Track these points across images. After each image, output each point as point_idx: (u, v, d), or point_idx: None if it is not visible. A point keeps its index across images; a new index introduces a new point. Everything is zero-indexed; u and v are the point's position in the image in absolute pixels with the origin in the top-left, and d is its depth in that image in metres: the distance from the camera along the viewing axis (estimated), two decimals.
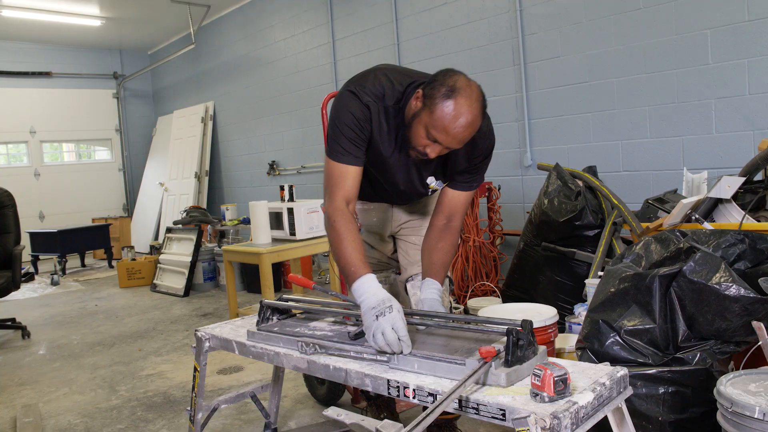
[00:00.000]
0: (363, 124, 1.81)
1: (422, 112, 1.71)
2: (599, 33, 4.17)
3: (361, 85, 1.83)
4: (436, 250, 1.98)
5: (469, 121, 1.67)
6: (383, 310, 1.57)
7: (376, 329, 1.55)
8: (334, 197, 1.82)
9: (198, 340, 2.05)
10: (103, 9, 8.04)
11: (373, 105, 1.81)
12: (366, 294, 1.64)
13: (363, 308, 1.63)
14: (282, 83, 7.35)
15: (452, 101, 1.65)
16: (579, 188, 3.36)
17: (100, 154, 10.48)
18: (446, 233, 2.00)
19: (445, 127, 1.67)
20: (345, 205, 1.81)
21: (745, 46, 3.50)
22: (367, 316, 1.60)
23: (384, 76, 1.86)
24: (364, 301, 1.63)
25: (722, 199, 2.68)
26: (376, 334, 1.54)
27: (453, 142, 1.71)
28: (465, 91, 1.67)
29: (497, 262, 4.43)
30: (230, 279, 4.72)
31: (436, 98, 1.67)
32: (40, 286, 7.27)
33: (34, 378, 3.77)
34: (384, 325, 1.54)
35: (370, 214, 2.28)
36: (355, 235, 1.78)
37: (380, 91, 1.82)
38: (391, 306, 1.58)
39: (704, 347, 1.81)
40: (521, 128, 4.73)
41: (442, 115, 1.66)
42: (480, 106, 1.71)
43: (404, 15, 5.62)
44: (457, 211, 2.02)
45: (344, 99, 1.83)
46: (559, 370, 1.25)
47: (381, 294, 1.63)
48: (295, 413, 2.93)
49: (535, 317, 2.27)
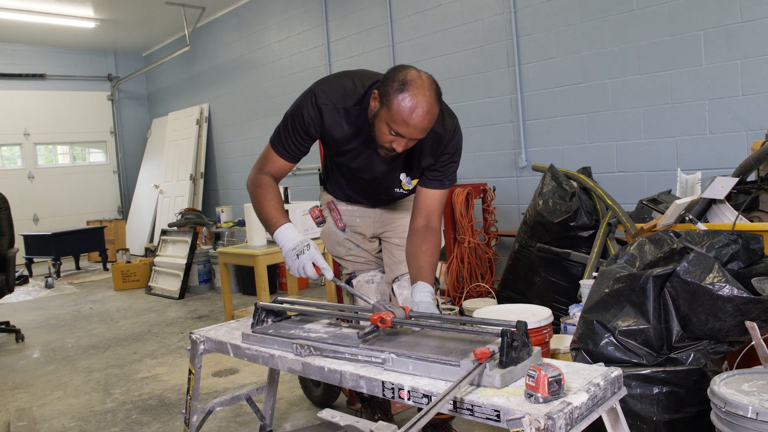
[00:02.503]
0: (310, 124, 1.93)
1: (381, 111, 1.79)
2: (593, 34, 4.18)
3: (323, 86, 1.94)
4: (422, 253, 2.02)
5: (426, 109, 1.74)
6: (302, 249, 1.87)
7: (299, 266, 1.87)
8: (262, 169, 2.04)
9: (193, 342, 2.04)
10: (97, 11, 8.02)
11: (328, 107, 1.91)
12: (285, 239, 1.91)
13: (284, 251, 1.91)
14: (277, 85, 7.35)
15: (406, 93, 1.72)
16: (574, 189, 3.37)
17: (95, 157, 10.45)
18: (427, 235, 2.05)
19: (404, 119, 1.74)
20: (270, 176, 2.03)
21: (738, 48, 3.51)
22: (288, 256, 1.90)
23: (349, 78, 1.96)
24: (284, 245, 1.91)
25: (716, 200, 2.69)
26: (299, 269, 1.87)
27: (415, 132, 1.77)
28: (416, 81, 1.74)
29: (492, 263, 4.43)
30: (225, 281, 4.71)
31: (391, 94, 1.74)
32: (35, 289, 7.24)
33: (28, 381, 3.75)
34: (305, 261, 1.86)
35: (354, 214, 2.33)
36: (275, 194, 2.02)
37: (340, 92, 1.92)
38: (309, 244, 1.88)
39: (698, 347, 1.82)
40: (516, 129, 4.74)
41: (399, 108, 1.73)
42: (434, 93, 1.77)
43: (399, 17, 5.62)
44: (433, 210, 2.08)
45: (304, 97, 1.95)
46: (554, 371, 1.26)
47: (298, 237, 1.91)
48: (291, 415, 2.93)
49: (530, 318, 2.28)
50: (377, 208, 2.32)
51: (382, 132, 1.81)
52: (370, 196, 2.24)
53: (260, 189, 2.01)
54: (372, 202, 2.29)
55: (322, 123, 1.93)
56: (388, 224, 2.34)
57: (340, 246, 2.37)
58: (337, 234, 2.35)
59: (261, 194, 2.00)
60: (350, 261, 2.38)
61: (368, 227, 2.34)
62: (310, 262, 1.86)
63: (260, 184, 2.02)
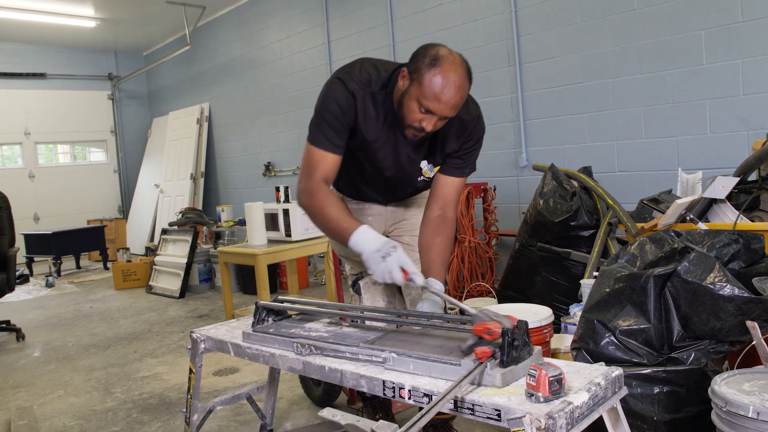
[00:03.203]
0: (346, 111, 1.84)
1: (411, 88, 1.75)
2: (594, 33, 4.18)
3: (348, 73, 1.88)
4: (434, 246, 1.97)
5: (458, 85, 1.71)
6: (388, 251, 1.68)
7: (385, 269, 1.68)
8: (312, 175, 1.86)
9: (193, 341, 2.04)
10: (98, 10, 8.02)
11: (359, 92, 1.85)
12: (366, 242, 1.73)
13: (365, 254, 1.72)
14: (277, 84, 7.35)
15: (438, 68, 1.69)
16: (574, 189, 3.36)
17: (95, 156, 10.45)
18: (442, 227, 2.00)
19: (436, 94, 1.70)
20: (323, 181, 1.86)
21: (739, 47, 3.51)
22: (372, 260, 1.70)
23: (370, 64, 1.92)
24: (366, 248, 1.72)
25: (717, 200, 2.69)
26: (385, 274, 1.68)
27: (446, 108, 1.73)
28: (448, 58, 1.71)
29: (493, 262, 4.43)
30: (226, 280, 4.71)
31: (422, 69, 1.71)
32: (35, 288, 7.24)
33: (28, 380, 3.76)
34: (392, 265, 1.67)
35: (365, 212, 2.26)
36: (335, 199, 1.85)
37: (366, 78, 1.87)
38: (395, 246, 1.69)
39: (699, 347, 1.82)
40: (516, 129, 4.74)
41: (430, 84, 1.69)
42: (465, 70, 1.74)
43: (400, 16, 5.62)
44: (450, 200, 2.03)
45: (331, 86, 1.88)
46: (554, 370, 1.26)
47: (381, 238, 1.73)
48: (291, 414, 2.93)
49: (531, 317, 2.27)
50: (389, 206, 2.26)
51: (411, 110, 1.76)
52: (390, 188, 2.14)
53: (316, 197, 1.83)
54: (387, 198, 2.22)
55: (356, 110, 1.85)
56: (399, 222, 2.29)
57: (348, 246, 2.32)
58: None
59: (320, 202, 1.83)
60: (358, 262, 2.31)
61: (379, 225, 2.28)
62: (398, 266, 1.67)
63: (314, 192, 1.84)
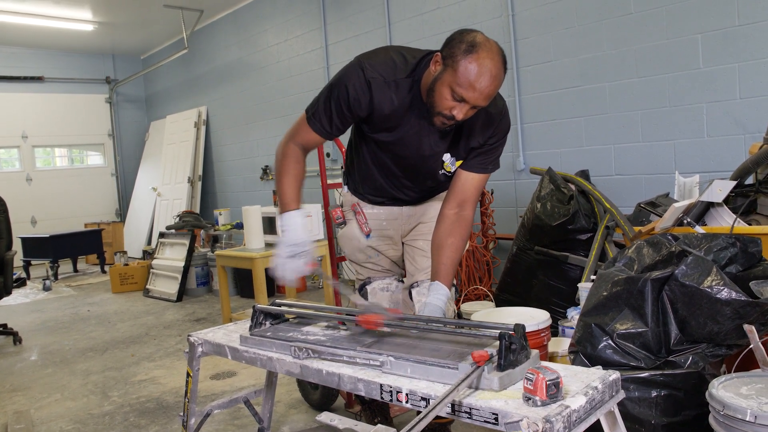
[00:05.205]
0: (357, 99, 1.81)
1: (444, 74, 1.69)
2: (591, 37, 4.19)
3: (371, 60, 1.83)
4: (446, 248, 1.92)
5: (494, 74, 1.66)
6: (298, 253, 1.80)
7: (283, 266, 1.81)
8: (293, 140, 1.95)
9: (191, 345, 2.04)
10: (95, 14, 8.02)
11: (378, 80, 1.80)
12: (291, 228, 1.84)
13: (283, 238, 1.83)
14: (275, 88, 7.35)
15: (475, 55, 1.63)
16: (571, 192, 3.37)
17: (93, 159, 10.44)
18: (457, 226, 1.95)
19: (471, 82, 1.64)
20: (300, 148, 1.96)
21: (736, 51, 3.52)
22: (281, 248, 1.82)
23: (395, 51, 1.88)
24: (286, 233, 1.84)
25: (714, 203, 2.69)
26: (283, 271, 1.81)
27: (480, 98, 1.68)
28: (485, 45, 1.66)
29: (490, 266, 4.43)
30: (223, 284, 4.70)
31: (458, 55, 1.65)
32: (32, 292, 7.22)
33: (25, 384, 3.74)
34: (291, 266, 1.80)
35: (380, 217, 2.22)
36: (298, 171, 1.94)
37: (390, 65, 1.82)
38: (306, 251, 1.81)
39: (696, 350, 1.82)
40: (514, 132, 4.74)
41: (466, 70, 1.64)
42: (501, 59, 1.69)
43: (397, 20, 5.63)
44: (469, 197, 1.97)
45: (349, 70, 1.84)
46: (552, 374, 1.25)
47: (303, 235, 1.83)
48: (289, 418, 2.92)
49: (528, 321, 2.28)
50: (404, 207, 2.21)
51: (443, 97, 1.70)
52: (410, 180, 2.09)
53: (284, 161, 1.94)
54: (406, 194, 2.15)
55: (371, 99, 1.81)
56: (414, 225, 2.24)
57: (361, 252, 2.27)
58: (360, 240, 2.24)
59: (285, 166, 1.94)
60: (368, 268, 2.30)
61: (396, 230, 2.24)
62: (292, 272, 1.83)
63: (285, 156, 1.94)
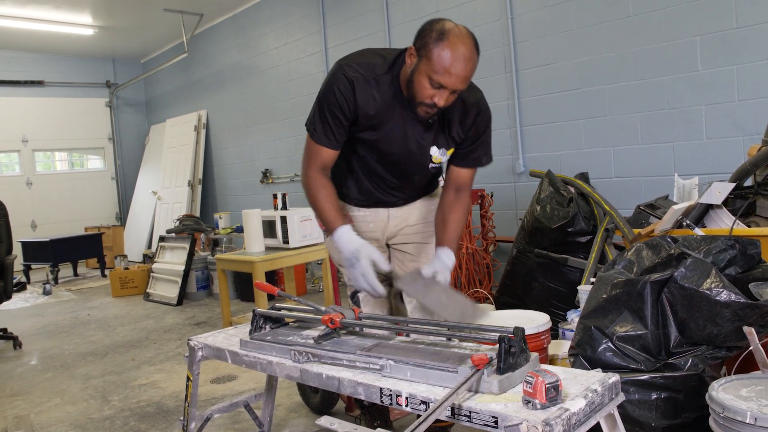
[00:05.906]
0: (346, 100, 1.87)
1: (420, 64, 1.77)
2: (590, 40, 4.20)
3: (350, 61, 1.92)
4: (450, 222, 2.06)
5: (468, 57, 1.73)
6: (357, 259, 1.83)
7: (356, 279, 1.85)
8: (311, 165, 1.98)
9: (191, 349, 2.04)
10: (95, 18, 8.03)
11: (359, 78, 1.87)
12: (343, 243, 1.89)
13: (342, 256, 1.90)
14: (275, 91, 7.36)
15: (446, 42, 1.72)
16: (571, 195, 3.37)
17: (93, 163, 10.44)
18: (456, 203, 2.08)
19: (446, 67, 1.72)
20: (321, 170, 1.98)
21: (734, 53, 3.53)
22: (346, 265, 1.88)
23: (372, 52, 1.96)
24: (342, 251, 1.89)
25: (713, 205, 2.70)
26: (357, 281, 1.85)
27: (457, 81, 1.75)
28: (455, 30, 1.74)
29: (490, 269, 4.43)
30: (223, 288, 4.70)
31: (430, 44, 1.74)
32: (32, 296, 7.22)
33: (25, 389, 3.74)
34: (356, 274, 1.84)
35: (366, 219, 2.23)
36: (328, 192, 1.97)
37: (369, 63, 1.91)
38: (358, 255, 1.83)
39: (696, 353, 1.82)
40: (513, 135, 4.75)
41: (440, 57, 1.72)
42: (472, 42, 1.76)
43: (396, 23, 5.64)
44: (464, 183, 2.11)
45: (332, 75, 1.90)
46: (551, 377, 1.26)
47: (354, 244, 1.87)
48: (289, 422, 2.92)
49: (528, 324, 2.28)
50: (391, 209, 2.22)
51: (422, 86, 1.77)
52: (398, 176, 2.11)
53: (312, 191, 1.98)
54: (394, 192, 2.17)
55: (355, 99, 1.87)
56: (402, 230, 2.26)
57: None
58: None
59: (314, 190, 1.97)
60: None
61: (382, 231, 2.25)
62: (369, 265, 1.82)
63: (310, 186, 1.98)
